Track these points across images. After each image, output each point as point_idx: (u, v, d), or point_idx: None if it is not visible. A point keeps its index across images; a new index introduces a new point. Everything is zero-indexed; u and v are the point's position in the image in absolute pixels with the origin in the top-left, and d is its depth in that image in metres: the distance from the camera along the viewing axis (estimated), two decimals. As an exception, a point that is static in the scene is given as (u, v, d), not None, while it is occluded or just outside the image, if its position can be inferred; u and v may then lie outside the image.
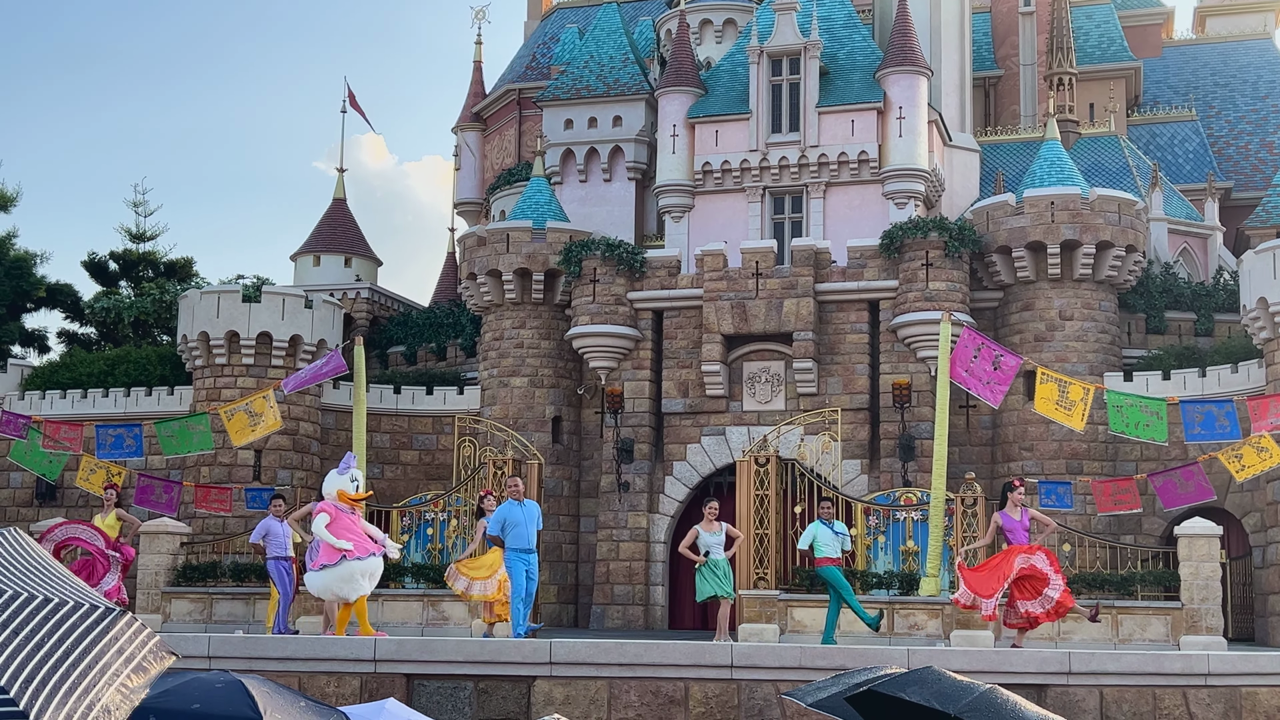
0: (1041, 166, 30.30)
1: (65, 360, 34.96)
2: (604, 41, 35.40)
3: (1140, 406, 20.69)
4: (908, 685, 5.62)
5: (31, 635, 3.15)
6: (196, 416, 23.76)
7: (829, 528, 17.73)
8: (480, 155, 42.17)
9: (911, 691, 5.53)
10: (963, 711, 5.37)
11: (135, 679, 3.20)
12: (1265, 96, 40.15)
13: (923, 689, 5.55)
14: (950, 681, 5.66)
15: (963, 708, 5.38)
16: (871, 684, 5.69)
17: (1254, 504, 26.69)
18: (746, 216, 31.43)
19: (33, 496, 31.48)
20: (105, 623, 3.27)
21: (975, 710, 5.36)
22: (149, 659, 3.28)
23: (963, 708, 5.38)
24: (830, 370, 29.06)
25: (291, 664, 12.20)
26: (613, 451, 29.84)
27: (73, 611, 3.24)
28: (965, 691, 5.55)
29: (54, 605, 3.25)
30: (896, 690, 5.57)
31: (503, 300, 31.27)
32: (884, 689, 5.56)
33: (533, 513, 16.80)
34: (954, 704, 5.43)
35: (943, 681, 5.63)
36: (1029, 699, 11.18)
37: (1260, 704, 12.88)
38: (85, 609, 3.26)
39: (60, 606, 3.25)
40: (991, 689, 5.60)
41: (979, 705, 5.41)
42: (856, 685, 5.82)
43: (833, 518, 18.04)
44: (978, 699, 5.46)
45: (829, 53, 32.18)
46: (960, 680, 5.75)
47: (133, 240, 42.75)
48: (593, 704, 12.02)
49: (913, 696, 5.50)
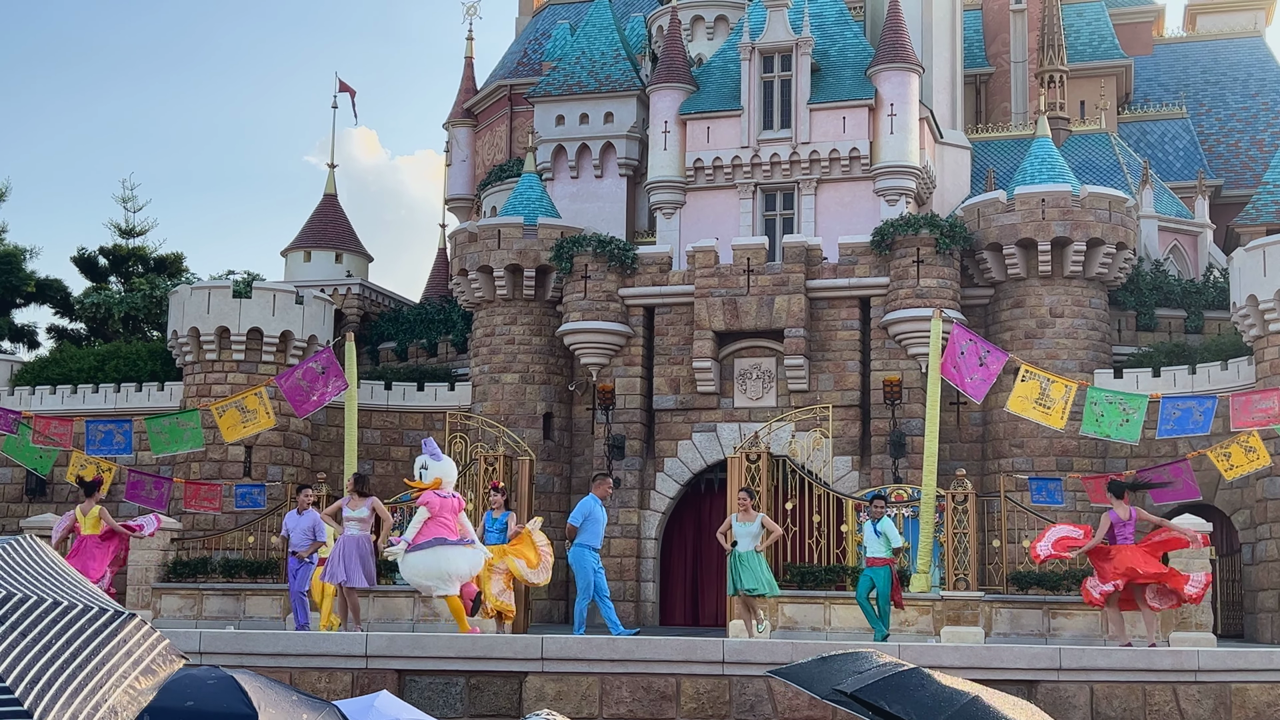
0: (1032, 164, 30.35)
1: (55, 356, 34.88)
2: (596, 38, 35.39)
3: (1119, 405, 20.75)
4: (888, 693, 5.53)
5: (39, 638, 3.15)
6: (187, 413, 23.69)
7: (873, 526, 17.66)
8: (471, 151, 42.13)
9: (891, 700, 5.44)
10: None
11: (143, 681, 3.21)
12: (1255, 94, 40.24)
13: (904, 700, 5.45)
14: (934, 689, 5.55)
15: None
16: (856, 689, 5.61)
17: (1243, 501, 26.77)
18: (738, 213, 31.46)
19: (22, 492, 31.41)
20: (114, 625, 3.27)
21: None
22: (158, 661, 3.28)
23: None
24: (821, 367, 29.09)
25: (283, 660, 12.19)
26: (604, 448, 29.85)
27: (81, 614, 3.25)
28: (948, 703, 5.43)
29: (62, 608, 3.25)
30: (876, 698, 5.49)
31: (494, 296, 31.25)
32: (866, 695, 5.49)
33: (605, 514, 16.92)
34: (934, 717, 5.32)
35: (926, 689, 5.52)
36: (1019, 695, 11.20)
37: (1250, 700, 12.92)
38: (94, 612, 3.27)
39: (69, 609, 3.25)
40: (975, 699, 5.49)
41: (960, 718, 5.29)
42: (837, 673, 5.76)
43: (880, 515, 17.86)
44: (958, 712, 5.35)
45: (820, 49, 32.21)
46: (945, 687, 5.62)
47: (122, 236, 42.66)
48: (584, 699, 12.02)
49: (892, 707, 5.41)
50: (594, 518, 16.54)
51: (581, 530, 16.53)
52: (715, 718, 12.06)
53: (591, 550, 16.61)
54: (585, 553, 16.56)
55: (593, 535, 16.57)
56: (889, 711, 5.40)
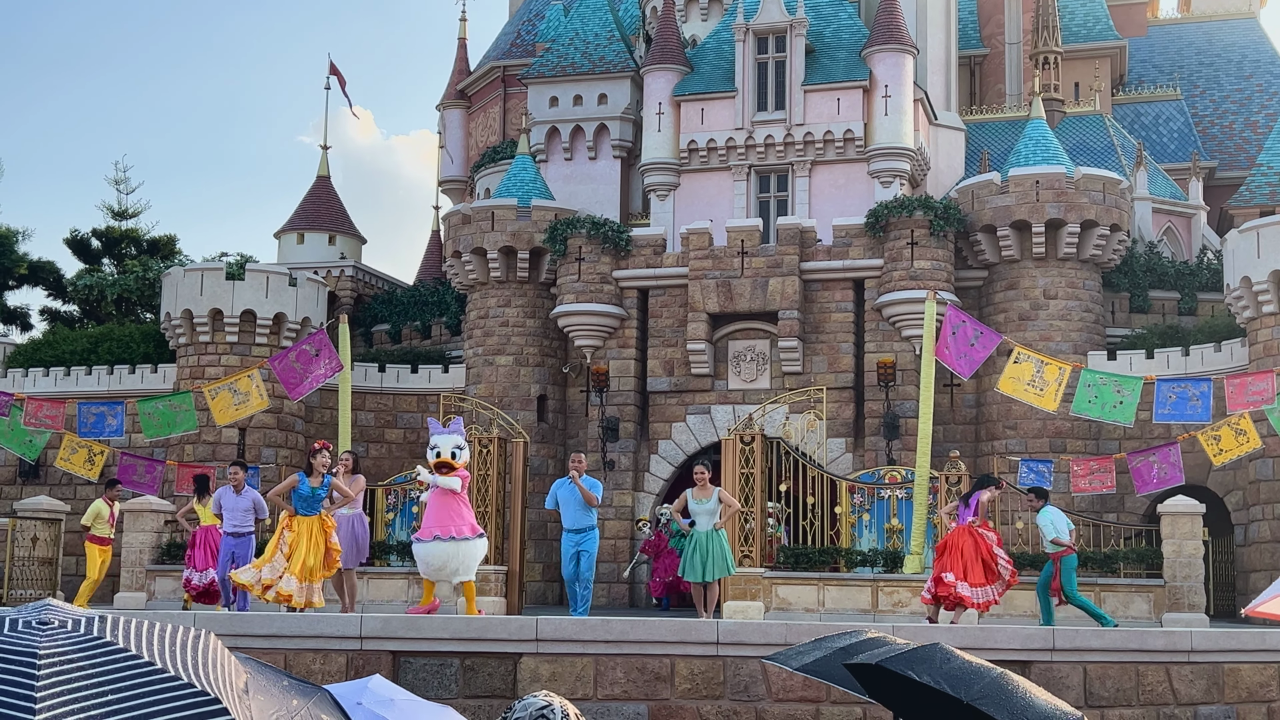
0: (1026, 145, 30.32)
1: (48, 338, 34.82)
2: (589, 19, 35.28)
3: (1113, 386, 20.77)
4: (915, 664, 5.43)
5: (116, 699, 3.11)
6: (180, 395, 23.63)
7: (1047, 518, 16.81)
8: (465, 133, 42.02)
9: (920, 670, 5.34)
10: (975, 699, 5.12)
11: None
12: (1249, 76, 40.22)
13: (931, 670, 5.34)
14: (960, 663, 5.44)
15: (975, 694, 5.14)
16: (881, 659, 5.52)
17: (1236, 482, 26.83)
18: (732, 195, 31.42)
19: (15, 475, 31.38)
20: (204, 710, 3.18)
21: (986, 698, 5.11)
22: None
23: (975, 694, 5.14)
24: (815, 349, 29.10)
25: (277, 641, 12.19)
26: (598, 430, 29.87)
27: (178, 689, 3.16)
28: (977, 676, 5.32)
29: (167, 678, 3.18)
30: (903, 668, 5.40)
31: (488, 278, 31.20)
32: (891, 665, 5.40)
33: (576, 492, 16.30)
34: (965, 689, 5.21)
35: (952, 663, 5.42)
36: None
37: (1242, 680, 12.96)
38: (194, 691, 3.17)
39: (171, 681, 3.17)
40: (1004, 674, 5.40)
41: (990, 692, 5.18)
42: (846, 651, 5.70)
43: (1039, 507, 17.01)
44: (989, 685, 5.24)
45: (815, 30, 32.13)
46: (970, 662, 5.50)
47: (115, 217, 42.57)
48: (579, 681, 12.04)
49: (921, 677, 5.31)
50: (562, 499, 16.26)
51: (562, 514, 16.40)
52: (709, 698, 12.08)
53: (567, 532, 16.34)
54: (564, 536, 16.41)
55: (567, 517, 16.31)
56: (917, 680, 5.30)
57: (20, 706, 3.04)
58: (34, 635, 3.27)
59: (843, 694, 11.21)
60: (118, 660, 3.22)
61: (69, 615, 3.39)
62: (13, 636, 3.27)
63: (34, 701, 3.05)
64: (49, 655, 3.18)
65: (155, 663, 3.23)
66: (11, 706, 3.03)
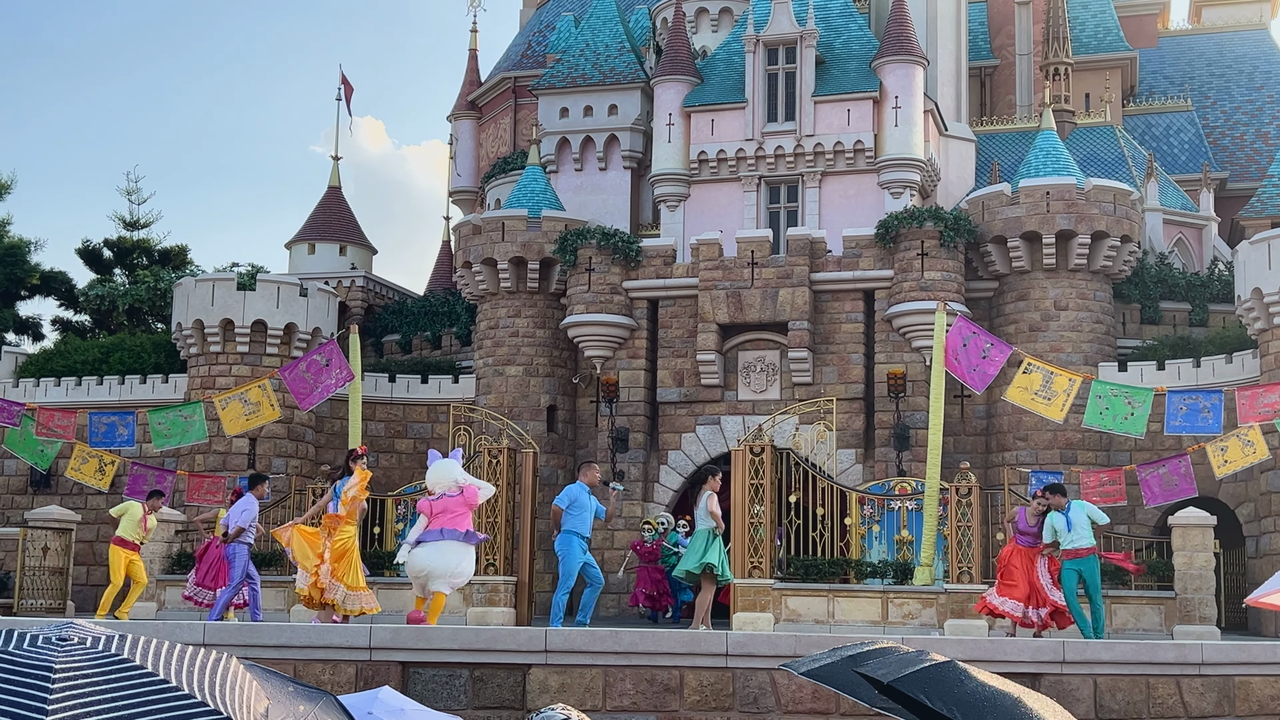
0: (1037, 156, 30.31)
1: (60, 348, 34.94)
2: (600, 30, 35.36)
3: (1124, 398, 20.72)
4: (928, 685, 5.37)
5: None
6: (190, 405, 23.70)
7: (1063, 517, 16.58)
8: (475, 143, 42.11)
9: (933, 694, 5.28)
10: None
11: None
12: (1261, 87, 40.16)
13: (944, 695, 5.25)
14: (974, 686, 5.36)
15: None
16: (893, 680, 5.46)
17: (1248, 494, 26.75)
18: (742, 206, 31.44)
19: (27, 484, 31.46)
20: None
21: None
22: None
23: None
24: (825, 360, 29.08)
25: (287, 651, 12.20)
26: (608, 440, 29.86)
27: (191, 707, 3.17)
28: (990, 703, 5.21)
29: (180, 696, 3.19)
30: (916, 691, 5.34)
31: (498, 289, 31.25)
32: (903, 687, 5.35)
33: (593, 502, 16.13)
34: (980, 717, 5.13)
35: (965, 685, 5.34)
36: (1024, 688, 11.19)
37: (1254, 693, 12.91)
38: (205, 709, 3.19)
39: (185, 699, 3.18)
40: (1018, 700, 5.33)
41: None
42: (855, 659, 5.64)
43: (1062, 504, 16.70)
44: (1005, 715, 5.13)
45: (825, 42, 32.17)
46: (986, 685, 5.41)
47: (126, 228, 42.73)
48: (588, 692, 12.04)
49: (934, 703, 5.24)
50: (580, 504, 15.86)
51: (568, 516, 15.90)
52: (718, 709, 12.07)
53: (579, 538, 15.98)
54: (572, 541, 15.96)
55: (580, 523, 15.90)
56: (930, 707, 5.25)
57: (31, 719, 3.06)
58: (52, 650, 3.30)
59: (853, 705, 11.19)
60: (134, 678, 3.25)
61: (90, 633, 3.43)
62: (32, 651, 3.30)
63: (45, 715, 3.08)
64: (64, 670, 3.21)
65: (172, 681, 3.25)
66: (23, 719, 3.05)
